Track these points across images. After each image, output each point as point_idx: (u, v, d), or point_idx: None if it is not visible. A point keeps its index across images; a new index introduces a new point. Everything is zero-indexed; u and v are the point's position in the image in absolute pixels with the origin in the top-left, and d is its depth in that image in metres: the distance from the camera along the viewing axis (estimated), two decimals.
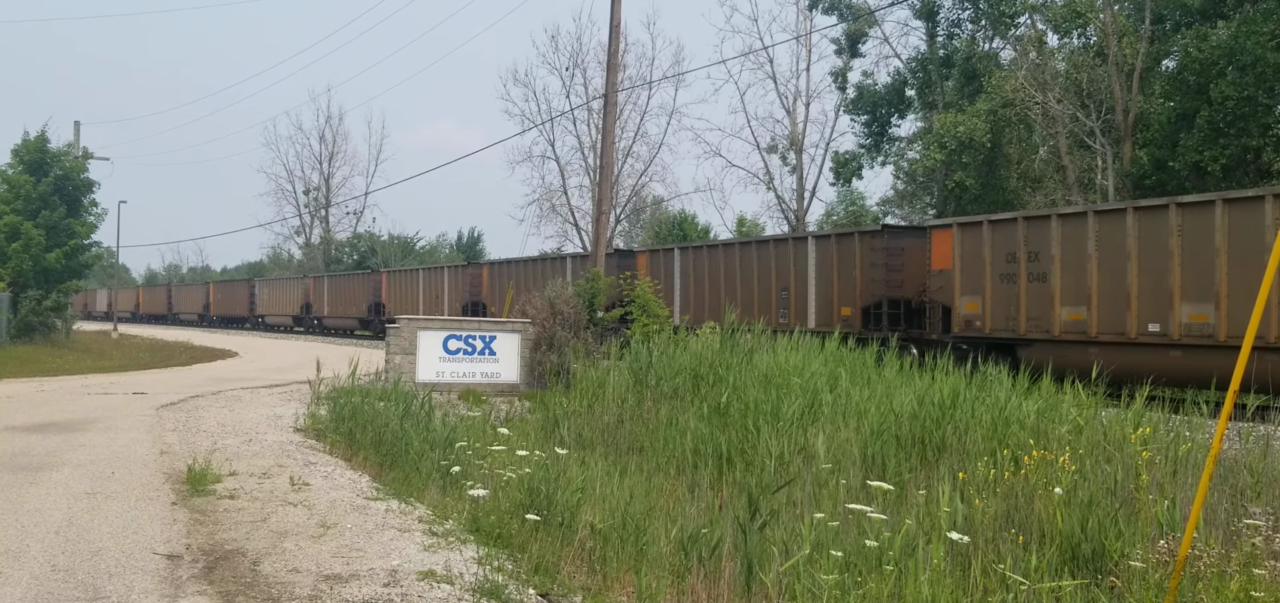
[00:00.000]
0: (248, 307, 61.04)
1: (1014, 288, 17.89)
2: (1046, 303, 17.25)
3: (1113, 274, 16.31)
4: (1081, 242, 16.80)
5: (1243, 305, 14.28)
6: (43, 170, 33.89)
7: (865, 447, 9.13)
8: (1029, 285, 17.59)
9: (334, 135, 77.76)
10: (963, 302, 18.98)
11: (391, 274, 46.94)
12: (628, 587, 6.35)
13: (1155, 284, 15.62)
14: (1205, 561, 5.51)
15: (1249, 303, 13.97)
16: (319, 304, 52.85)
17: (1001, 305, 18.16)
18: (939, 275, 19.68)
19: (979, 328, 18.40)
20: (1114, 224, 16.47)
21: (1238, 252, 14.37)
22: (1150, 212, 16.06)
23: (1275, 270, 4.97)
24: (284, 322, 57.13)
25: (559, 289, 20.21)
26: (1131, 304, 15.97)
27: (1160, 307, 15.54)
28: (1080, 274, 16.75)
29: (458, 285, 38.88)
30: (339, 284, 51.77)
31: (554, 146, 54.52)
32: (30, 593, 5.70)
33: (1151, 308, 15.68)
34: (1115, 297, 16.22)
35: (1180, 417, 8.76)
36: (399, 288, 44.26)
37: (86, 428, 12.72)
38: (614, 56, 23.10)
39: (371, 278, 48.17)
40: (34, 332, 32.07)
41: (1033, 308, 17.47)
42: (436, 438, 10.37)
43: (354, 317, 48.53)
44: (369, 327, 46.77)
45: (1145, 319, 15.78)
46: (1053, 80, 32.46)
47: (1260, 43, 24.74)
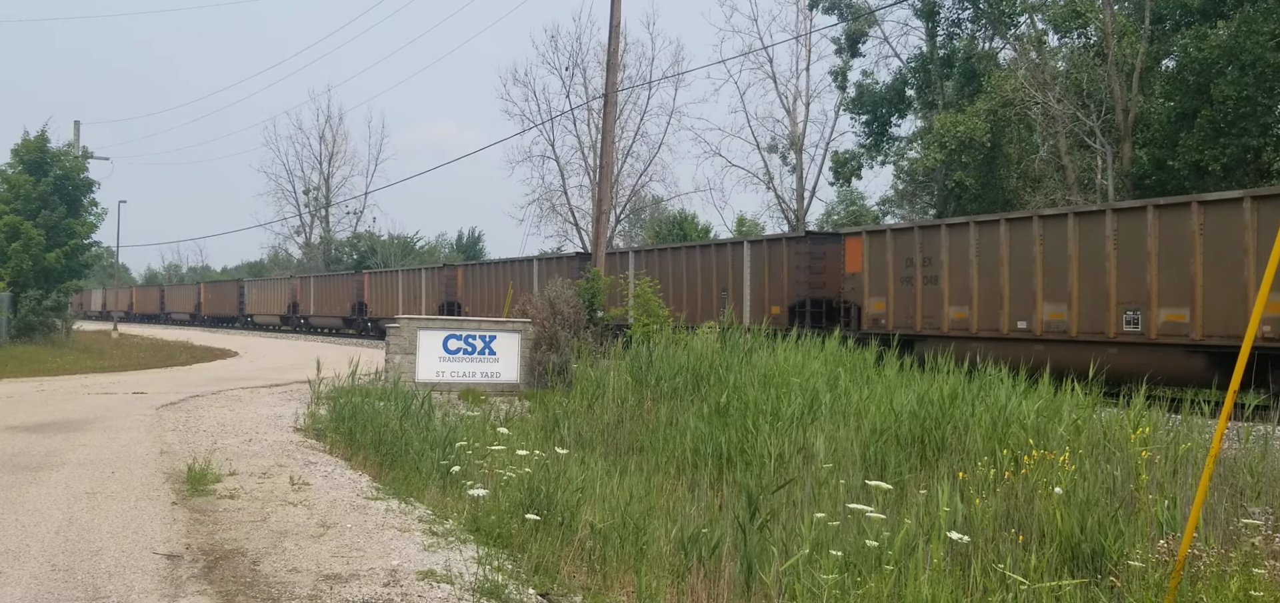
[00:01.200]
0: (237, 306, 62.58)
1: (912, 290, 20.01)
2: (938, 303, 19.37)
3: (990, 278, 18.43)
4: (965, 249, 19.00)
5: (1089, 305, 16.75)
6: (43, 170, 33.89)
7: (865, 446, 9.14)
8: (924, 288, 19.68)
9: (334, 135, 77.60)
10: (871, 302, 21.16)
11: (373, 275, 48.78)
12: (628, 587, 6.35)
13: (1023, 287, 17.85)
14: (1205, 560, 5.51)
15: (1091, 305, 16.73)
16: (305, 304, 54.55)
17: (902, 305, 20.25)
18: (851, 278, 21.83)
19: (884, 325, 20.24)
20: (990, 234, 18.63)
21: (1086, 260, 16.78)
22: (1019, 223, 18.40)
23: (1275, 271, 4.97)
24: (272, 321, 58.57)
25: (559, 289, 20.20)
26: (1005, 304, 18.11)
27: (1027, 307, 17.75)
28: (964, 278, 18.91)
29: (434, 286, 40.85)
30: (324, 285, 53.57)
31: (554, 146, 54.42)
32: (30, 593, 5.70)
33: (1020, 308, 17.86)
34: (992, 298, 18.36)
35: (1180, 417, 8.76)
36: (380, 288, 46.00)
37: (86, 428, 12.72)
38: (614, 56, 23.10)
39: (354, 279, 50.06)
40: (34, 331, 32.07)
41: (927, 307, 19.57)
42: (436, 438, 10.37)
43: (338, 316, 50.22)
44: (352, 325, 48.56)
45: (1015, 317, 17.93)
46: (1053, 80, 32.46)
47: (1260, 42, 24.73)
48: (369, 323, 46.33)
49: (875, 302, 21.07)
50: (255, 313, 60.80)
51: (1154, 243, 15.93)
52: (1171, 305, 15.52)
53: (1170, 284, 15.54)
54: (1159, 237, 15.87)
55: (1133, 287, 16.08)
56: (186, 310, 71.44)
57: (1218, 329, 14.88)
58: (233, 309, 63.08)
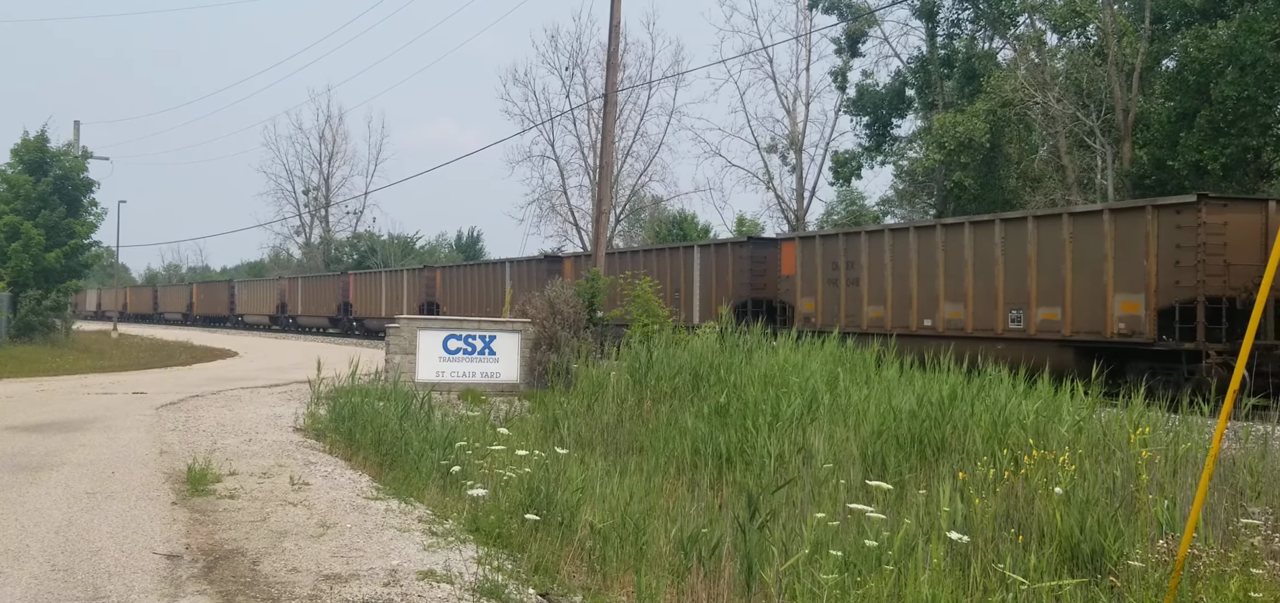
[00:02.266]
0: (228, 306, 64.35)
1: (837, 291, 21.98)
2: (858, 303, 21.30)
3: (902, 281, 20.26)
4: (881, 255, 20.89)
5: (982, 305, 18.66)
6: (42, 170, 33.88)
7: (865, 446, 9.13)
8: (847, 289, 21.64)
9: (334, 135, 77.54)
10: (803, 301, 23.05)
11: (357, 276, 50.66)
12: (627, 587, 6.35)
13: (929, 289, 19.73)
14: (1204, 560, 5.51)
15: (984, 304, 18.65)
16: (293, 304, 56.30)
17: (829, 304, 22.15)
18: (787, 280, 23.76)
19: (814, 323, 21.50)
20: (902, 241, 20.55)
21: (979, 265, 18.73)
22: (925, 231, 20.41)
23: (1274, 271, 4.97)
24: (261, 320, 60.21)
25: (559, 289, 20.19)
26: (913, 304, 20.00)
27: (932, 306, 19.68)
28: (881, 281, 20.85)
29: (415, 287, 42.79)
30: (311, 285, 55.52)
31: (554, 146, 54.42)
32: (30, 593, 5.70)
33: (926, 307, 19.78)
34: (903, 298, 20.22)
35: (1179, 417, 8.76)
36: (364, 289, 48.01)
37: (86, 428, 12.73)
38: (614, 56, 23.10)
39: (340, 279, 51.89)
40: (34, 331, 32.05)
41: (849, 307, 21.39)
42: (436, 438, 10.37)
43: (325, 315, 52.17)
44: (338, 324, 50.69)
45: (922, 316, 19.79)
46: (1052, 80, 32.45)
47: (1260, 42, 24.73)
48: (354, 322, 48.47)
49: (806, 302, 22.93)
50: (245, 313, 62.32)
51: (1033, 250, 17.82)
52: (1047, 305, 17.52)
53: (1046, 287, 17.48)
54: (1037, 245, 17.76)
55: (1016, 289, 18.04)
56: (179, 310, 72.95)
57: (1084, 326, 16.88)
58: (224, 309, 64.63)
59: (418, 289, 42.26)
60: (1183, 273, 15.66)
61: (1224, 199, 16.72)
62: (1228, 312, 15.29)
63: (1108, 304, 16.51)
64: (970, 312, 18.81)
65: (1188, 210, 15.84)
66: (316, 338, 47.95)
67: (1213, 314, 15.36)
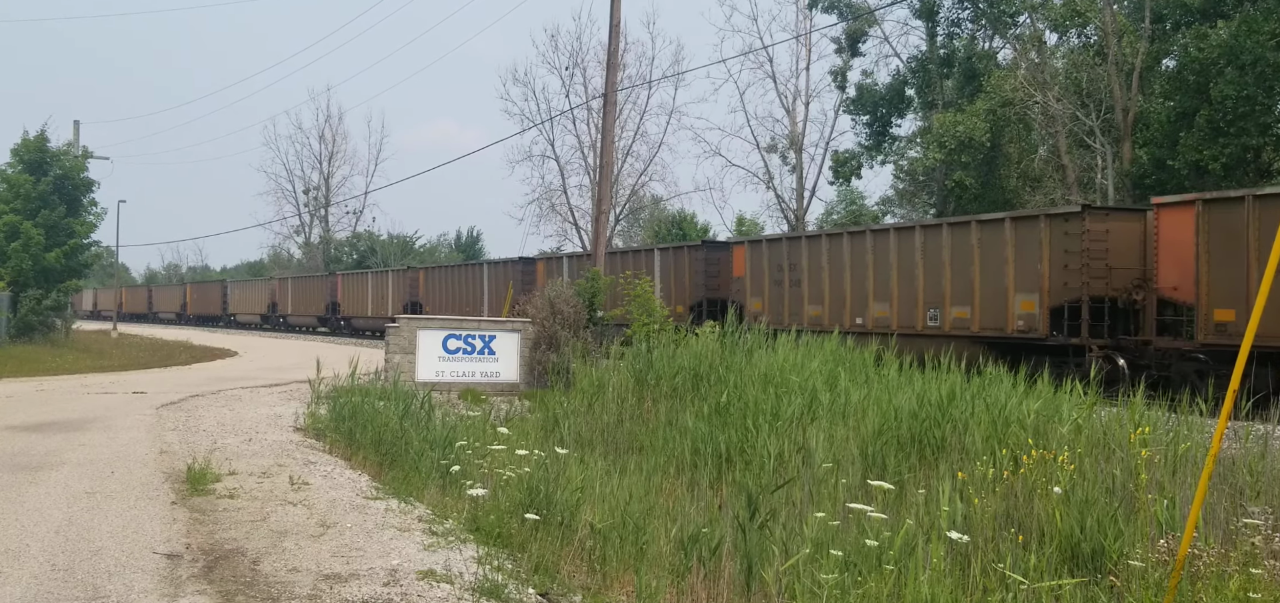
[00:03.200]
0: (221, 306, 65.54)
1: (781, 291, 23.45)
2: (800, 302, 22.79)
3: (837, 282, 22.04)
4: (819, 258, 22.62)
5: (905, 304, 20.31)
6: (42, 170, 33.87)
7: (865, 446, 9.13)
8: (790, 290, 23.08)
9: (334, 135, 77.52)
10: (752, 301, 24.36)
11: (345, 277, 52.28)
12: (627, 586, 6.36)
13: (860, 290, 21.46)
14: (1204, 560, 5.51)
15: (906, 304, 20.29)
16: (284, 303, 57.75)
17: (774, 304, 23.52)
18: (738, 281, 25.19)
19: (761, 321, 21.80)
20: (837, 246, 22.35)
21: (902, 268, 20.48)
22: (856, 236, 22.34)
23: (1274, 270, 4.97)
24: (253, 320, 61.50)
25: (559, 288, 20.20)
26: (847, 303, 21.66)
27: (863, 306, 21.37)
28: (819, 282, 22.53)
29: (399, 288, 44.20)
30: (301, 285, 57.12)
31: (554, 146, 54.41)
32: (30, 592, 5.70)
33: (858, 306, 21.43)
34: (838, 298, 21.93)
35: (1178, 416, 8.76)
36: (351, 289, 49.69)
37: (86, 427, 12.72)
38: (614, 56, 23.10)
39: (328, 280, 53.40)
40: (33, 331, 32.05)
41: (792, 306, 22.76)
42: (436, 437, 10.37)
43: (313, 314, 53.85)
44: (326, 323, 52.50)
45: (854, 314, 21.35)
46: (1052, 80, 32.45)
47: (1260, 42, 24.73)
48: (341, 321, 50.21)
49: (754, 301, 24.29)
50: (237, 312, 63.71)
51: (948, 255, 19.44)
52: (959, 305, 19.29)
53: (958, 288, 19.26)
54: (951, 250, 19.42)
55: (933, 290, 19.73)
56: (173, 310, 74.30)
57: (989, 323, 18.64)
58: (217, 308, 65.85)
59: (402, 290, 43.67)
60: (1070, 276, 17.37)
61: (1106, 209, 18.84)
62: (1110, 310, 17.14)
63: (1009, 303, 18.29)
64: (895, 310, 20.47)
65: (1074, 219, 17.58)
66: (307, 337, 49.63)
67: (1096, 312, 17.13)
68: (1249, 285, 14.89)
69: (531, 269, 34.48)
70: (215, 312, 65.92)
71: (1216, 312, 15.38)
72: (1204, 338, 15.45)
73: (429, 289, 41.66)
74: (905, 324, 19.90)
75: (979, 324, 18.77)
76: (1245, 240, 14.81)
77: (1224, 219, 15.34)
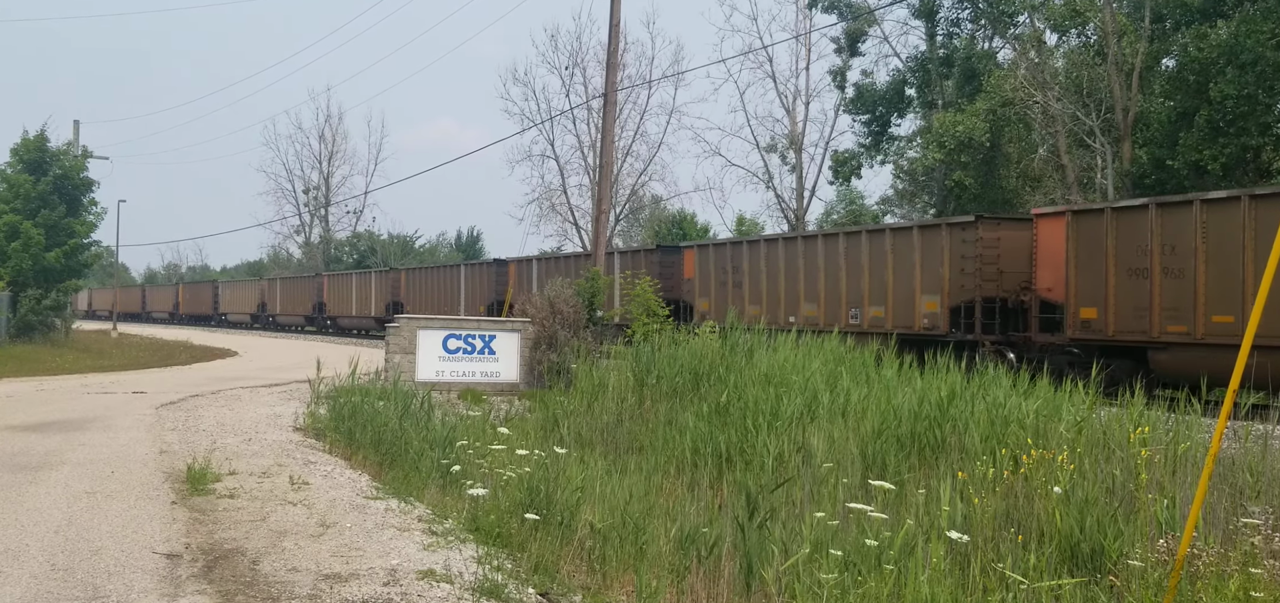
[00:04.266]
0: (212, 306, 67.63)
1: (726, 291, 25.19)
2: (742, 302, 24.20)
3: (773, 284, 23.94)
4: (758, 261, 24.58)
5: (830, 304, 22.26)
6: (42, 170, 33.86)
7: (865, 446, 9.13)
8: (732, 291, 24.87)
9: (334, 134, 77.49)
10: (700, 301, 26.26)
11: (330, 278, 54.25)
12: (627, 586, 6.36)
13: (792, 290, 23.31)
14: (1204, 560, 5.50)
15: (833, 304, 22.15)
16: (272, 304, 59.76)
17: (720, 303, 24.96)
18: (688, 282, 27.14)
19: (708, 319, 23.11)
20: (773, 250, 24.45)
21: (828, 271, 22.47)
22: (790, 242, 24.52)
23: (1274, 269, 4.97)
24: (243, 319, 63.41)
25: (559, 288, 20.20)
26: (781, 303, 23.52)
27: (795, 305, 23.16)
28: (758, 284, 24.43)
29: (382, 288, 46.01)
30: (289, 286, 59.30)
31: (553, 146, 54.49)
32: (30, 592, 5.70)
33: (790, 306, 23.21)
34: (773, 298, 23.85)
35: (1177, 416, 8.76)
36: (336, 290, 51.67)
37: (86, 427, 12.73)
38: (613, 56, 23.10)
39: (314, 281, 55.37)
40: (33, 331, 32.04)
41: (735, 305, 23.59)
42: (436, 437, 10.36)
43: (301, 314, 56.00)
44: (313, 322, 54.53)
45: (788, 313, 22.97)
46: (1052, 79, 32.43)
47: (1260, 42, 24.71)
48: (328, 320, 52.32)
49: (702, 301, 26.12)
50: (228, 312, 65.48)
51: (866, 259, 21.42)
52: (876, 304, 21.15)
53: (875, 289, 21.16)
54: (869, 255, 21.39)
55: (854, 291, 21.66)
56: (166, 309, 76.12)
57: (901, 322, 20.44)
58: (208, 308, 67.87)
59: (384, 290, 45.52)
60: (967, 279, 19.24)
61: (997, 219, 20.93)
62: (1000, 310, 19.16)
63: (917, 303, 20.20)
64: (822, 309, 22.33)
65: (970, 228, 19.57)
66: (299, 336, 51.34)
67: (988, 311, 19.14)
68: (1107, 288, 16.79)
69: (504, 271, 36.76)
70: (207, 311, 67.73)
71: (1082, 310, 17.25)
72: (1073, 334, 17.26)
73: (410, 290, 43.39)
74: (830, 322, 21.00)
75: (892, 322, 20.44)
76: (1105, 247, 16.79)
77: (1089, 229, 17.25)
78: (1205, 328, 15.23)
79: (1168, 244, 15.89)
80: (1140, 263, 16.27)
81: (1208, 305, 15.29)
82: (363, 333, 47.75)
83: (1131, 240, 16.52)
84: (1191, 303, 15.45)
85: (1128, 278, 16.48)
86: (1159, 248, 16.02)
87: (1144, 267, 16.20)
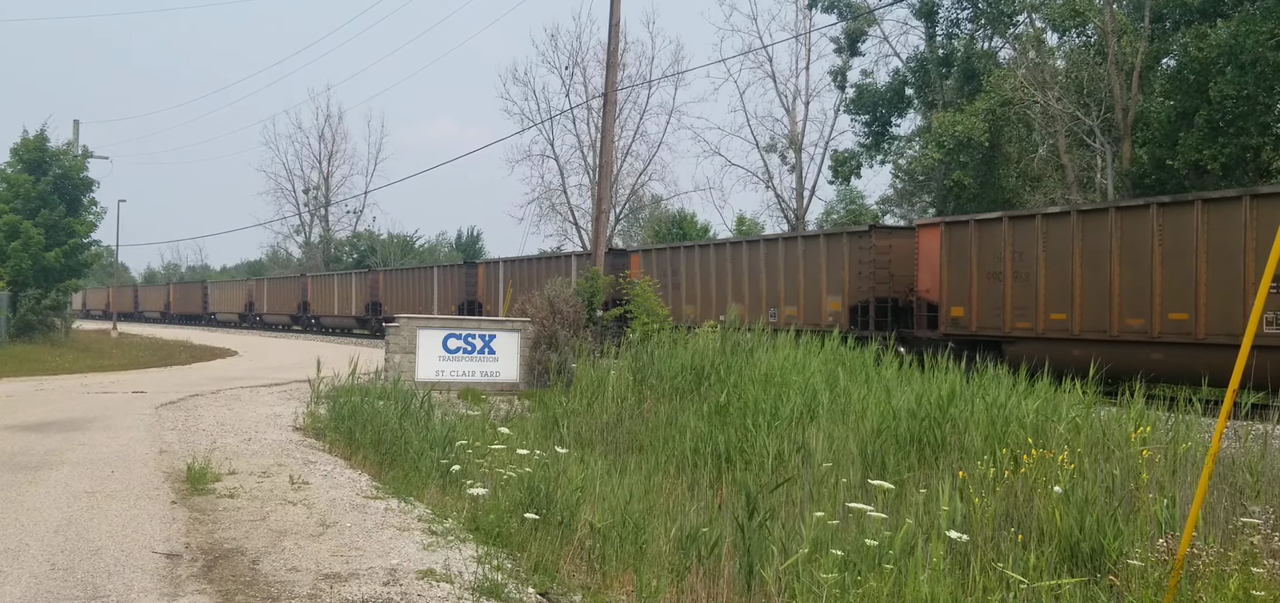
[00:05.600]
0: (202, 305, 69.56)
1: (665, 293, 25.51)
2: (680, 302, 26.17)
3: (706, 285, 26.15)
4: (693, 264, 26.87)
5: (752, 303, 24.07)
6: (42, 169, 33.84)
7: (864, 445, 9.13)
8: (672, 291, 26.24)
9: (333, 134, 77.51)
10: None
11: (314, 278, 56.28)
12: (627, 586, 6.36)
13: (721, 290, 25.51)
14: (1204, 559, 5.51)
15: (754, 303, 23.96)
16: (259, 303, 61.67)
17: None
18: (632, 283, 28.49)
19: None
20: (706, 254, 26.75)
21: (751, 273, 24.77)
22: (719, 247, 26.82)
23: (1274, 269, 4.97)
24: (231, 318, 65.21)
25: (559, 288, 20.20)
26: (712, 302, 25.46)
27: (723, 304, 24.51)
28: (693, 285, 26.67)
29: (362, 289, 48.19)
30: (275, 286, 61.50)
31: (553, 145, 54.51)
32: (30, 592, 5.70)
33: (719, 305, 24.80)
34: (706, 298, 25.97)
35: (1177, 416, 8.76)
36: (320, 290, 53.82)
37: (86, 427, 12.72)
38: (613, 55, 23.10)
39: (299, 281, 57.30)
40: (33, 331, 32.02)
41: (674, 305, 25.11)
42: (436, 437, 10.37)
43: (287, 314, 57.87)
44: (298, 321, 56.53)
45: (718, 311, 24.03)
46: (1052, 79, 32.41)
47: (1260, 41, 24.70)
48: (312, 319, 54.30)
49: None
50: (217, 311, 67.34)
51: (782, 263, 23.83)
52: (789, 304, 23.38)
53: (788, 290, 23.45)
54: (784, 259, 23.78)
55: (772, 292, 24.02)
56: (157, 309, 78.02)
57: (810, 320, 22.19)
58: (198, 308, 69.70)
59: (364, 291, 47.77)
60: (863, 281, 21.69)
61: (889, 228, 24.23)
62: (892, 308, 21.38)
63: (822, 303, 22.55)
64: (746, 308, 23.86)
65: (865, 237, 22.17)
66: (282, 334, 53.75)
67: (881, 310, 21.38)
68: (972, 290, 19.04)
69: (473, 272, 39.04)
70: (197, 311, 69.50)
71: (953, 308, 19.63)
72: (945, 329, 19.57)
73: (387, 290, 45.64)
74: (753, 319, 22.08)
75: (802, 319, 22.18)
76: (969, 255, 19.10)
77: (958, 238, 19.58)
78: (1045, 324, 17.61)
79: (1017, 252, 18.24)
80: (996, 268, 18.61)
81: (1047, 305, 17.62)
82: (345, 331, 50.39)
83: (990, 249, 18.84)
84: (1034, 303, 17.83)
85: (987, 281, 18.81)
86: (1011, 256, 18.36)
87: (999, 271, 18.56)
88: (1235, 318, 14.45)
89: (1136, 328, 16.02)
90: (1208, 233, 15.11)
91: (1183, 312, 15.39)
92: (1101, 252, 16.70)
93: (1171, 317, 15.59)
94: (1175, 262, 15.48)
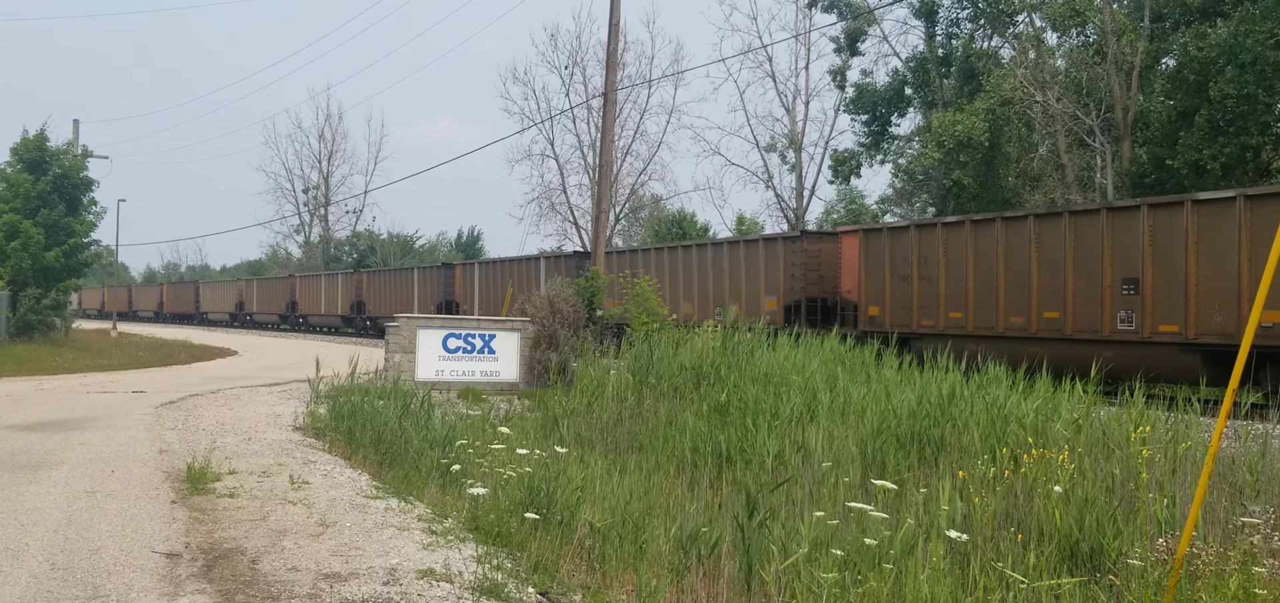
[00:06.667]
0: (194, 305, 71.37)
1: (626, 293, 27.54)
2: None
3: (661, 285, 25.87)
4: (650, 266, 27.75)
5: (700, 303, 26.26)
6: (42, 169, 33.83)
7: (864, 445, 9.13)
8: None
9: (333, 134, 77.45)
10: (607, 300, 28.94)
11: (302, 279, 58.20)
12: (627, 585, 6.36)
13: (675, 290, 26.74)
14: (1204, 559, 5.50)
15: (703, 302, 26.01)
16: (249, 303, 63.53)
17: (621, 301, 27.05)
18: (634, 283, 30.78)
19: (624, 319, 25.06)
20: (660, 256, 28.86)
21: (700, 276, 26.89)
22: (673, 250, 28.98)
23: (1274, 268, 4.97)
24: (222, 318, 66.75)
25: (559, 288, 20.19)
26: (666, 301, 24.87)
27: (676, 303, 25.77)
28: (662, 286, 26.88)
29: (347, 289, 49.92)
30: (264, 286, 63.69)
31: (553, 145, 54.52)
32: (30, 591, 5.70)
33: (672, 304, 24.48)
34: (674, 298, 26.41)
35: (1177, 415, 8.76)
36: (307, 290, 55.75)
37: (86, 426, 12.72)
38: (613, 55, 23.09)
39: (288, 282, 59.32)
40: (33, 330, 32.02)
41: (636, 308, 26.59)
42: (436, 436, 10.36)
43: (275, 313, 59.56)
44: (287, 320, 58.24)
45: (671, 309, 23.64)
46: (1052, 79, 32.41)
47: (1259, 41, 24.69)
48: (300, 319, 56.26)
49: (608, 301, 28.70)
50: (208, 311, 68.95)
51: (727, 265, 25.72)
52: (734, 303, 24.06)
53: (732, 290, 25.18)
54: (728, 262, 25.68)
55: (717, 292, 25.78)
56: (151, 308, 79.68)
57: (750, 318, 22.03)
58: (190, 307, 71.50)
59: (348, 290, 49.55)
60: (796, 283, 23.65)
61: (819, 234, 26.18)
62: (821, 307, 23.21)
63: (761, 303, 24.16)
64: (697, 306, 26.00)
65: (797, 242, 24.31)
66: (272, 332, 55.46)
67: (811, 309, 23.27)
68: (885, 291, 21.03)
69: (451, 274, 40.52)
70: (189, 310, 71.20)
71: (870, 308, 21.57)
72: (863, 326, 21.12)
73: (370, 291, 47.43)
74: (702, 317, 23.44)
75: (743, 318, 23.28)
76: (883, 260, 21.14)
77: (874, 244, 21.66)
78: (945, 322, 19.56)
79: (923, 257, 20.21)
80: (906, 271, 20.48)
81: (947, 304, 19.61)
82: (331, 330, 52.68)
83: (901, 254, 20.78)
84: (936, 302, 19.88)
85: (898, 283, 20.71)
86: (917, 260, 20.29)
87: (908, 275, 20.43)
88: (1095, 317, 16.84)
89: (1018, 325, 18.13)
90: (1075, 242, 17.26)
91: (1055, 311, 17.52)
92: (991, 257, 18.64)
93: (1046, 315, 17.69)
94: (1050, 268, 17.56)
